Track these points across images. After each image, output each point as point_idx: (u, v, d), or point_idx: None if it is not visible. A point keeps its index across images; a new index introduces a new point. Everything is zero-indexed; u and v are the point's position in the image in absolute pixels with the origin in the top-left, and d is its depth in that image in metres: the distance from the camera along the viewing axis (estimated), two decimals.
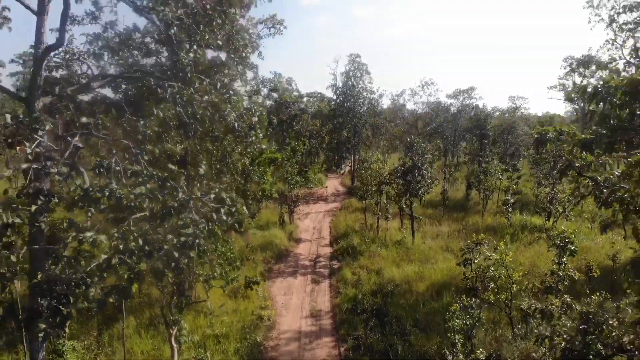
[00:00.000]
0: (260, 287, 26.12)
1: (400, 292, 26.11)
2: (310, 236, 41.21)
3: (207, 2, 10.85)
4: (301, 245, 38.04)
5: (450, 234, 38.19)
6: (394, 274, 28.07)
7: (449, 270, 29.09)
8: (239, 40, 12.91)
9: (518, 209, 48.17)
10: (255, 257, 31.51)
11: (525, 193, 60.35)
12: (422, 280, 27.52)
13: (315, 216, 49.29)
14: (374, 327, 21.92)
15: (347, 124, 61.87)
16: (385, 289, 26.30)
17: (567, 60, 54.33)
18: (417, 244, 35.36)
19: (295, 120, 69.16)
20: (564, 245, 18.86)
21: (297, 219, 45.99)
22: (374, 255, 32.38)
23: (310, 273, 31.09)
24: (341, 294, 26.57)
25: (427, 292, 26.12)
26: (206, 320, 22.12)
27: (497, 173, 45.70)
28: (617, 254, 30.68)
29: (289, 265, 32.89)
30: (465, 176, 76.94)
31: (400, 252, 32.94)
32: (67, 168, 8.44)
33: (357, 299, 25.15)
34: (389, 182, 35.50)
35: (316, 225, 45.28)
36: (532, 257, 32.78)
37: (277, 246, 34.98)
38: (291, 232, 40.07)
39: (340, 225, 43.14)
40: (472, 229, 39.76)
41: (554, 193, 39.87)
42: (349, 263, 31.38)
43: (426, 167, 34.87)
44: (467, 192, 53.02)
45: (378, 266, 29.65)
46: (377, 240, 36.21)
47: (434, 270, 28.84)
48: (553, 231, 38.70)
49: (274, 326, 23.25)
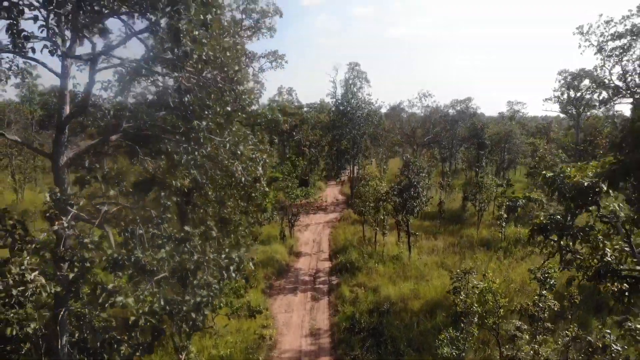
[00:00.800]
0: (261, 306, 27.47)
1: (395, 311, 27.38)
2: (310, 249, 42.52)
3: (220, 76, 12.14)
4: (301, 259, 39.34)
5: (446, 248, 39.44)
6: (390, 292, 29.35)
7: (443, 288, 30.31)
8: (245, 100, 14.20)
9: (513, 220, 49.50)
10: (257, 275, 32.78)
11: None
12: (417, 299, 28.79)
13: (315, 227, 50.59)
14: (370, 347, 23.19)
15: (347, 135, 63.11)
16: (381, 307, 27.57)
17: (561, 74, 55.65)
18: (414, 259, 36.65)
19: (296, 130, 70.49)
20: (544, 279, 20.12)
21: (297, 231, 47.30)
22: (372, 271, 33.66)
23: (310, 289, 32.36)
24: (339, 312, 27.86)
25: (422, 311, 27.38)
26: (211, 340, 23.40)
27: (492, 187, 46.94)
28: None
29: (290, 281, 34.17)
30: (462, 185, 78.41)
31: (397, 269, 34.22)
32: (98, 238, 9.72)
33: (355, 317, 26.42)
34: (386, 199, 36.75)
35: (316, 237, 46.58)
36: (524, 273, 33.98)
37: (277, 262, 36.25)
38: (291, 246, 41.38)
39: (339, 238, 44.48)
40: (467, 244, 41.12)
41: (547, 206, 41.06)
42: (347, 280, 32.67)
43: (422, 185, 36.10)
44: (464, 203, 54.25)
45: (375, 284, 30.93)
46: (375, 255, 37.48)
47: (428, 288, 30.11)
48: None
49: (275, 345, 24.54)
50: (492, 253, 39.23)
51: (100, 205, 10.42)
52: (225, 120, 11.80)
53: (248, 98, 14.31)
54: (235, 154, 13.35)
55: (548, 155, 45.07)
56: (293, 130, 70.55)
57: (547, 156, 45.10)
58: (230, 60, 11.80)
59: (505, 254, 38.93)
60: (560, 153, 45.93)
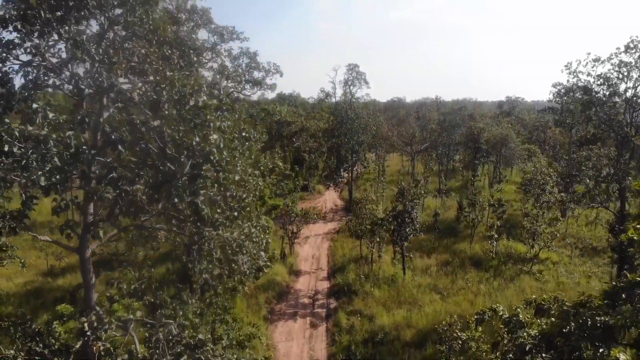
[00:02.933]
0: (263, 336, 29.49)
1: (389, 340, 29.33)
2: (309, 267, 44.42)
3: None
4: (300, 279, 41.24)
5: (439, 268, 41.29)
6: (385, 321, 31.26)
7: (434, 315, 32.34)
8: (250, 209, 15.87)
9: (506, 232, 51.32)
10: (259, 300, 34.71)
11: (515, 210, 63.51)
12: (409, 328, 30.70)
13: (314, 240, 52.43)
14: None
15: (345, 145, 64.58)
16: (376, 337, 29.54)
17: (555, 86, 56.81)
18: (408, 280, 38.56)
19: (296, 136, 71.97)
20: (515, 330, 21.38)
21: (297, 244, 49.09)
22: (368, 295, 35.56)
23: (309, 315, 34.29)
24: (336, 342, 29.82)
25: (413, 342, 29.35)
26: None
27: (485, 203, 48.64)
28: (589, 299, 33.65)
29: (290, 304, 36.09)
30: (459, 188, 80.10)
31: (391, 292, 36.13)
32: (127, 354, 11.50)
33: (351, 349, 28.41)
34: (382, 224, 38.46)
35: (315, 252, 48.45)
36: (512, 296, 35.94)
37: (278, 284, 38.13)
38: (291, 265, 43.26)
39: (337, 254, 46.39)
40: (459, 262, 42.93)
41: (535, 228, 42.77)
42: (344, 304, 34.57)
43: (416, 212, 37.81)
44: (458, 214, 55.87)
45: (371, 311, 32.83)
46: (371, 275, 39.35)
47: (420, 316, 32.05)
48: (535, 266, 42.00)
49: None
50: (482, 273, 41.13)
51: (126, 318, 12.15)
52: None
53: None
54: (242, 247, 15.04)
55: (539, 174, 46.59)
56: (293, 137, 72.03)
57: (537, 176, 46.65)
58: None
59: (496, 273, 40.84)
60: (552, 172, 47.41)
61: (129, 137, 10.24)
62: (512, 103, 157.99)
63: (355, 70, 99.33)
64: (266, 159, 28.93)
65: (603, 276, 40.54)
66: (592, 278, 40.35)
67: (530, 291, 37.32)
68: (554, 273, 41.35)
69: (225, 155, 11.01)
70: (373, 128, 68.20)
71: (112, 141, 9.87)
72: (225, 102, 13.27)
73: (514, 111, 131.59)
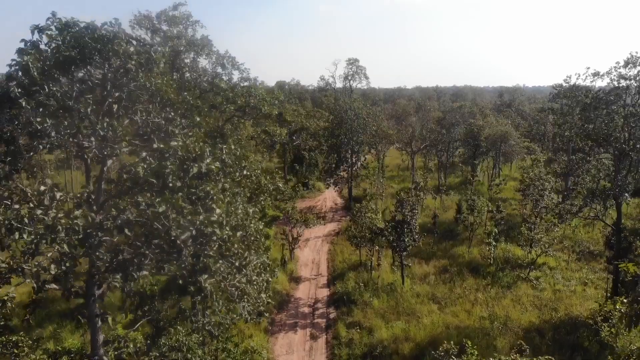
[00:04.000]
0: (264, 350, 30.13)
1: (387, 354, 29.99)
2: (309, 272, 45.01)
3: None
4: (301, 286, 41.83)
5: (437, 276, 41.82)
6: (383, 334, 31.89)
7: (432, 328, 33.01)
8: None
9: (504, 235, 51.78)
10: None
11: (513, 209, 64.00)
12: (408, 341, 31.34)
13: (314, 243, 52.97)
14: None
15: (346, 146, 64.75)
16: (374, 351, 30.20)
17: (555, 88, 56.67)
18: (407, 288, 39.14)
19: (296, 135, 72.14)
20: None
21: (297, 247, 49.60)
22: (367, 305, 36.13)
23: (309, 325, 34.91)
24: (336, 356, 30.48)
25: (412, 354, 30.00)
26: None
27: (484, 208, 49.03)
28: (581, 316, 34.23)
29: (290, 314, 36.71)
30: (458, 184, 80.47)
31: (390, 302, 36.72)
32: None
33: None
34: (381, 234, 38.91)
35: (315, 256, 49.01)
36: (509, 306, 36.55)
37: (279, 293, 38.67)
38: (292, 271, 43.85)
39: (337, 259, 46.97)
40: (457, 269, 43.45)
41: (533, 234, 43.22)
42: (343, 316, 35.15)
43: (414, 222, 38.23)
44: (457, 216, 56.24)
45: (370, 323, 33.42)
46: (370, 283, 39.93)
47: (418, 329, 32.69)
48: (532, 272, 42.55)
49: None
50: (480, 279, 41.71)
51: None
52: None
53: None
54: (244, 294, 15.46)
55: (537, 181, 46.87)
56: (293, 135, 72.20)
57: (536, 181, 46.94)
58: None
59: (493, 280, 41.39)
60: (550, 177, 47.70)
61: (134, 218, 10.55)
62: (512, 94, 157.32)
63: (356, 64, 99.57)
64: (267, 180, 29.28)
65: (599, 283, 41.12)
66: (589, 285, 40.93)
67: (527, 300, 37.99)
68: (551, 280, 41.90)
69: (228, 231, 11.33)
70: (373, 127, 68.29)
71: (119, 226, 10.19)
72: (228, 164, 13.52)
73: (514, 103, 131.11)
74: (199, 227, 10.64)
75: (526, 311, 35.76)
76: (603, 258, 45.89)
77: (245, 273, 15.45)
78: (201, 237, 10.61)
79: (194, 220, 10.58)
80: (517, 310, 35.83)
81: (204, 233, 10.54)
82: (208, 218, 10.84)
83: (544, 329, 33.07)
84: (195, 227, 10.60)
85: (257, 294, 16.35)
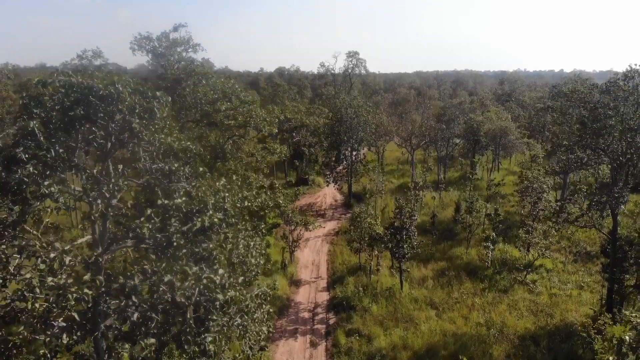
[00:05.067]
0: (265, 358, 30.88)
1: None
2: (309, 275, 45.66)
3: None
4: (301, 290, 42.49)
5: (435, 279, 42.44)
6: (382, 342, 32.58)
7: (430, 335, 33.72)
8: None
9: (502, 236, 52.26)
10: None
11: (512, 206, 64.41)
12: (406, 349, 32.07)
13: (314, 243, 53.56)
14: None
15: (346, 144, 64.93)
16: None
17: (555, 87, 57.03)
18: (405, 293, 39.79)
19: (295, 131, 72.26)
20: None
21: (297, 248, 50.18)
22: (366, 312, 36.80)
23: (309, 332, 35.60)
24: None
25: None
26: None
27: (482, 210, 49.49)
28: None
29: (290, 319, 37.40)
30: (458, 178, 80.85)
31: (389, 308, 37.39)
32: None
33: None
34: (380, 239, 39.43)
35: (315, 258, 49.63)
36: (505, 312, 37.21)
37: (279, 298, 39.31)
38: (292, 274, 44.51)
39: (337, 261, 47.62)
40: (455, 272, 44.04)
41: (530, 238, 43.76)
42: (343, 323, 35.81)
43: (413, 229, 38.72)
44: (455, 216, 56.72)
45: (368, 330, 34.10)
46: (370, 287, 40.58)
47: (416, 336, 33.39)
48: (529, 275, 43.12)
49: None
50: (477, 283, 42.34)
51: None
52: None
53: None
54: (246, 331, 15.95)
55: (535, 183, 47.23)
56: (293, 131, 72.34)
57: (534, 184, 47.30)
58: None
59: (490, 284, 42.03)
60: (548, 180, 48.07)
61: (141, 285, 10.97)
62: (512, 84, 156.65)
63: (356, 57, 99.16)
64: (267, 196, 29.65)
65: (595, 286, 41.76)
66: (584, 289, 41.57)
67: (523, 305, 38.64)
68: (547, 283, 42.52)
69: (232, 293, 11.76)
70: (372, 125, 68.41)
71: (128, 294, 10.61)
72: (230, 214, 13.88)
73: (515, 93, 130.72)
74: (203, 290, 11.06)
75: (522, 317, 36.42)
76: (600, 259, 46.45)
77: (246, 314, 15.93)
78: (205, 302, 11.05)
79: (198, 285, 11.00)
80: (514, 316, 36.51)
81: (208, 299, 10.97)
82: (211, 281, 11.26)
83: (539, 336, 33.75)
84: (198, 291, 11.02)
85: (258, 329, 16.86)
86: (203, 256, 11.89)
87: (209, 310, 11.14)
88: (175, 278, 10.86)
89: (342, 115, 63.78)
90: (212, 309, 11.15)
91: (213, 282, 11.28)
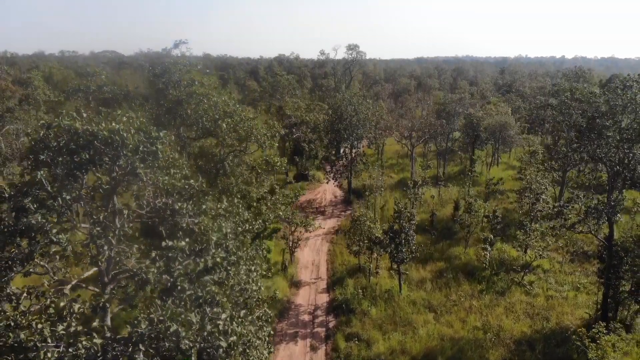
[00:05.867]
0: None
1: None
2: (309, 275, 46.27)
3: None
4: (301, 292, 43.11)
5: (433, 282, 43.01)
6: (380, 347, 33.28)
7: (427, 340, 34.40)
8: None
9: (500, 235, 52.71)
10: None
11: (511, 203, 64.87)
12: (404, 354, 32.78)
13: (314, 242, 54.09)
14: None
15: (345, 142, 65.14)
16: None
17: (555, 86, 57.13)
18: (404, 295, 40.43)
19: (295, 127, 72.43)
20: None
21: (297, 248, 50.75)
22: (365, 315, 37.47)
23: (309, 335, 36.28)
24: None
25: None
26: None
27: (481, 211, 49.92)
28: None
29: (291, 322, 38.07)
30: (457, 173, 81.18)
31: (388, 311, 38.04)
32: None
33: None
34: (379, 243, 39.95)
35: (315, 257, 50.21)
36: (502, 315, 37.84)
37: (279, 300, 39.93)
38: (292, 276, 45.11)
39: (336, 261, 48.21)
40: (453, 273, 44.63)
41: (528, 240, 44.29)
42: (342, 326, 36.49)
43: (412, 233, 39.20)
44: (454, 214, 57.14)
45: (367, 334, 34.78)
46: (369, 289, 41.21)
47: (414, 341, 34.09)
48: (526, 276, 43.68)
49: None
50: (475, 284, 42.94)
51: None
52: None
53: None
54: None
55: (534, 183, 47.63)
56: (293, 128, 72.52)
57: (533, 184, 47.70)
58: None
59: (488, 285, 42.63)
60: (546, 182, 48.46)
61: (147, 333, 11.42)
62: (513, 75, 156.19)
63: (356, 50, 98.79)
64: (267, 208, 30.03)
65: (591, 288, 42.34)
66: (581, 291, 42.18)
67: (520, 307, 39.25)
68: (544, 284, 43.13)
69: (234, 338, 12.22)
70: (372, 122, 68.52)
71: (134, 342, 11.07)
72: (231, 251, 14.30)
73: (515, 84, 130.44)
74: (207, 337, 11.53)
75: (519, 320, 37.06)
76: (596, 260, 46.99)
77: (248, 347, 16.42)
78: (208, 349, 11.53)
79: (201, 333, 11.45)
80: (510, 320, 37.15)
81: (211, 345, 11.45)
82: (215, 327, 11.71)
83: (535, 340, 34.40)
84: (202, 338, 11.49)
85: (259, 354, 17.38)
86: (206, 300, 12.34)
87: (213, 356, 11.62)
88: (180, 327, 11.31)
89: (342, 113, 63.86)
90: (215, 352, 11.63)
91: (217, 328, 11.75)
